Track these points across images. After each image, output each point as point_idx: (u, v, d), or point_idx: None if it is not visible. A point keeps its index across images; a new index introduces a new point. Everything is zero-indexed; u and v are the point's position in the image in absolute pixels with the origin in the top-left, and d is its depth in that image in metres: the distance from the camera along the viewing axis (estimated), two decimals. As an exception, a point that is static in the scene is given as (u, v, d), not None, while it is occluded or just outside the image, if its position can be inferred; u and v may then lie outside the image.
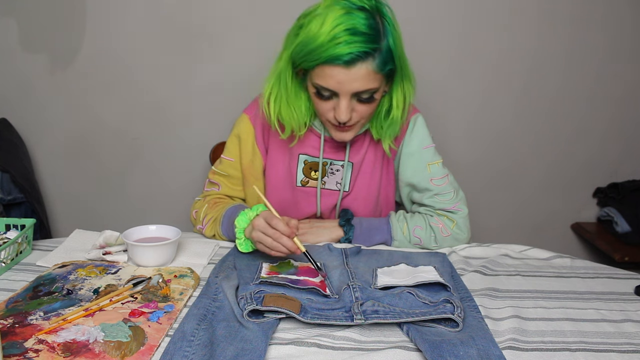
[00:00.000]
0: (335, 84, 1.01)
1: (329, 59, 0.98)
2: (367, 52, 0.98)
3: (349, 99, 1.04)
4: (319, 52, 0.98)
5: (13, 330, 0.77)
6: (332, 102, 1.06)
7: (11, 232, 1.07)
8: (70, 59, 1.90)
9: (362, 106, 1.06)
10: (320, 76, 1.02)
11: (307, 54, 1.00)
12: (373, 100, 1.06)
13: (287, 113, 1.12)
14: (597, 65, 1.96)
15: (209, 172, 1.28)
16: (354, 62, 0.98)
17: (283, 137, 1.17)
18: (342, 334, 0.79)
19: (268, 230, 0.96)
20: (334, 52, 0.97)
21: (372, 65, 1.00)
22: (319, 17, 0.99)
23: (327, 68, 1.00)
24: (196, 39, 1.88)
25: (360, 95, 1.04)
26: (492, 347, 0.75)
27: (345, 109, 1.04)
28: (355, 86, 1.01)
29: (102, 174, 2.04)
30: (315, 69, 1.02)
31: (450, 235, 1.17)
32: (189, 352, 0.72)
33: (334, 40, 0.97)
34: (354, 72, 0.99)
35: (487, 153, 2.05)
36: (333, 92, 1.03)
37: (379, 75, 1.02)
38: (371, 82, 1.02)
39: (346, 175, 1.22)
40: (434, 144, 1.21)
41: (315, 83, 1.04)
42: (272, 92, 1.12)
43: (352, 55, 0.97)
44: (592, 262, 1.12)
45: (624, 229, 1.97)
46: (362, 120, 1.10)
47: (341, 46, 0.97)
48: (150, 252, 1.00)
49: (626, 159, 2.09)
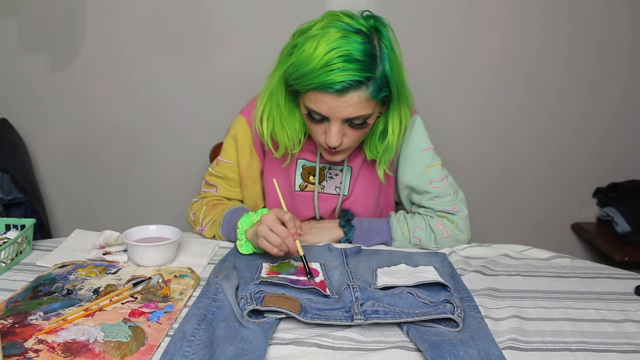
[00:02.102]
0: (327, 109, 0.99)
1: (321, 85, 0.95)
2: (360, 81, 0.95)
3: (340, 124, 1.02)
4: (312, 78, 0.95)
5: (13, 330, 0.77)
6: (323, 125, 1.04)
7: (11, 232, 1.07)
8: (70, 59, 1.90)
9: (353, 131, 1.04)
10: (312, 100, 1.00)
11: (300, 77, 0.98)
12: (366, 125, 1.04)
13: (280, 131, 1.10)
14: (597, 65, 1.96)
15: (206, 173, 1.27)
16: (346, 91, 0.95)
17: (277, 156, 1.15)
18: (342, 334, 0.79)
19: (277, 227, 0.96)
20: (327, 79, 0.94)
21: (365, 93, 0.97)
22: (314, 39, 0.95)
23: (319, 94, 0.98)
24: (196, 39, 1.88)
25: (353, 121, 1.02)
26: (492, 347, 0.75)
27: (336, 134, 1.02)
28: (347, 112, 0.99)
29: (102, 174, 2.04)
30: (307, 93, 1.00)
31: (450, 236, 1.17)
32: (189, 352, 0.72)
33: (327, 66, 0.93)
34: (346, 99, 0.97)
35: (487, 153, 2.05)
36: (324, 116, 1.01)
37: (373, 102, 1.00)
38: (364, 109, 0.99)
39: (345, 179, 1.22)
40: (432, 146, 1.20)
41: (307, 106, 1.03)
42: (265, 110, 1.10)
43: (344, 84, 0.94)
44: (592, 262, 1.12)
45: (624, 229, 1.97)
46: (354, 145, 1.09)
47: (334, 74, 0.93)
48: (150, 252, 1.00)
49: (626, 159, 2.09)
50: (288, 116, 1.09)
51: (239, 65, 1.88)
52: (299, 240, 0.97)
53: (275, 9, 1.83)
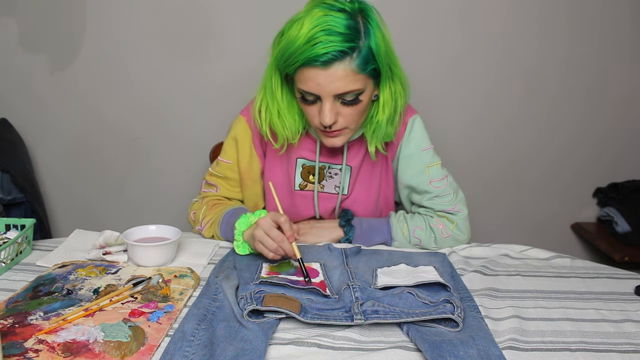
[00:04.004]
0: (315, 86, 1.00)
1: (307, 60, 0.97)
2: (343, 52, 0.96)
3: (332, 101, 1.02)
4: (297, 55, 0.97)
5: (13, 330, 0.77)
6: (317, 106, 1.04)
7: (11, 232, 1.07)
8: (70, 59, 1.90)
9: (347, 109, 1.04)
10: (301, 80, 1.01)
11: (287, 58, 0.99)
12: (358, 102, 1.03)
13: (277, 122, 1.11)
14: (597, 65, 1.96)
15: (206, 173, 1.27)
16: (331, 62, 0.97)
17: (276, 147, 1.16)
18: (342, 334, 0.79)
19: (272, 232, 0.96)
20: (311, 53, 0.95)
21: (351, 64, 0.98)
22: (299, 21, 0.98)
23: (306, 71, 0.99)
24: (196, 39, 1.88)
25: (344, 97, 1.02)
26: (492, 347, 0.75)
27: (329, 111, 1.02)
28: (335, 87, 0.99)
29: (102, 174, 2.04)
30: (297, 74, 1.01)
31: (450, 236, 1.17)
32: (189, 352, 0.72)
33: (311, 41, 0.95)
34: (332, 72, 0.98)
35: (487, 153, 2.05)
36: (316, 95, 1.02)
37: (361, 75, 1.00)
38: (352, 83, 0.99)
39: (345, 178, 1.21)
40: (432, 146, 1.20)
41: (298, 88, 1.03)
42: (263, 103, 1.12)
43: (328, 56, 0.95)
44: (592, 262, 1.12)
45: (624, 229, 1.97)
46: (352, 125, 1.08)
47: (317, 47, 0.95)
48: (150, 252, 1.00)
49: (626, 159, 2.09)
50: (287, 107, 1.10)
51: (239, 65, 1.88)
52: (295, 243, 0.97)
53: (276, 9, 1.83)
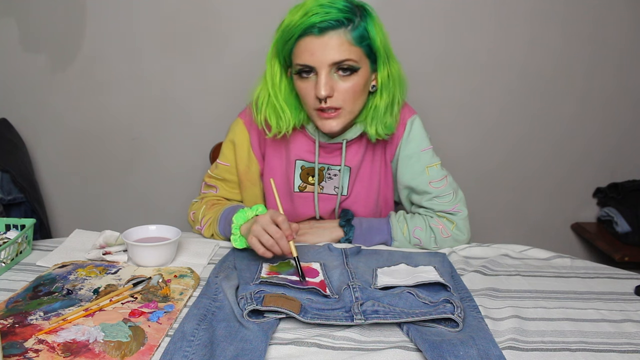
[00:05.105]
0: (310, 57, 1.02)
1: (303, 31, 1.00)
2: (339, 21, 1.00)
3: (328, 72, 1.03)
4: (294, 29, 1.01)
5: (13, 330, 0.77)
6: (313, 82, 1.05)
7: (11, 232, 1.07)
8: (70, 59, 1.90)
9: (343, 84, 1.04)
10: (297, 55, 1.03)
11: (285, 34, 1.03)
12: (354, 74, 1.04)
13: (273, 114, 1.12)
14: (597, 65, 1.96)
15: (205, 175, 1.28)
16: (326, 30, 1.00)
17: (269, 136, 1.16)
18: (342, 334, 0.79)
19: (270, 228, 0.96)
20: (307, 22, 0.99)
21: (346, 35, 1.01)
22: (298, 6, 1.02)
23: (302, 42, 1.02)
24: (196, 39, 1.88)
25: (340, 65, 1.02)
26: (492, 347, 0.75)
27: (324, 84, 1.03)
28: (330, 55, 1.01)
29: (102, 174, 2.04)
30: (294, 51, 1.04)
31: (450, 236, 1.17)
32: (189, 352, 0.72)
33: (308, 14, 0.99)
34: (326, 39, 1.00)
35: (487, 153, 2.05)
36: (312, 67, 1.03)
37: (356, 48, 1.02)
38: (347, 52, 1.01)
39: (344, 179, 1.21)
40: (431, 146, 1.20)
41: (295, 65, 1.05)
42: (262, 92, 1.13)
43: (324, 23, 0.99)
44: (592, 262, 1.12)
45: (624, 229, 1.97)
46: (347, 106, 1.06)
47: (313, 17, 0.99)
48: (150, 252, 1.00)
49: (626, 159, 2.09)
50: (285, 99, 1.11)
51: (239, 65, 1.88)
52: (292, 242, 0.97)
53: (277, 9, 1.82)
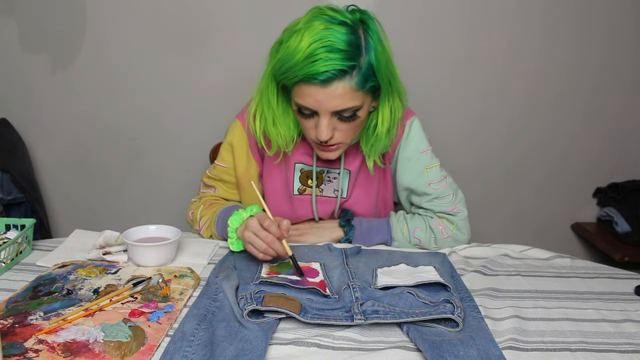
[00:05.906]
0: (314, 102, 0.99)
1: (306, 77, 0.95)
2: (343, 70, 0.94)
3: (329, 117, 1.01)
4: (296, 70, 0.96)
5: (13, 330, 0.77)
6: (313, 120, 1.04)
7: (11, 232, 1.07)
8: (70, 59, 1.90)
9: (344, 125, 1.03)
10: (299, 95, 1.00)
11: (286, 71, 0.98)
12: (356, 118, 1.03)
13: (272, 130, 1.10)
14: (597, 65, 1.96)
15: (203, 175, 1.27)
16: (330, 81, 0.95)
17: (270, 154, 1.15)
18: (342, 334, 0.79)
19: (261, 233, 0.96)
20: (310, 70, 0.94)
21: (350, 83, 0.97)
22: (298, 33, 0.96)
23: (304, 87, 0.98)
24: (196, 39, 1.88)
25: (342, 113, 1.01)
26: (492, 347, 0.75)
27: (326, 128, 1.01)
28: (334, 105, 0.98)
29: (102, 174, 2.04)
30: (295, 87, 1.00)
31: (450, 236, 1.16)
32: (189, 352, 0.72)
33: (311, 57, 0.93)
34: (331, 90, 0.96)
35: (487, 154, 2.05)
36: (313, 110, 1.01)
37: (360, 93, 0.99)
38: (351, 101, 0.99)
39: (343, 182, 1.21)
40: (430, 147, 1.19)
41: (296, 101, 1.03)
42: (258, 109, 1.11)
43: (328, 74, 0.94)
44: (592, 262, 1.12)
45: (624, 229, 1.97)
46: (347, 140, 1.07)
47: (317, 64, 0.93)
48: (150, 252, 1.00)
49: (626, 159, 2.09)
50: (282, 115, 1.09)
51: (239, 66, 1.87)
52: (285, 241, 0.97)
53: (276, 9, 1.83)
